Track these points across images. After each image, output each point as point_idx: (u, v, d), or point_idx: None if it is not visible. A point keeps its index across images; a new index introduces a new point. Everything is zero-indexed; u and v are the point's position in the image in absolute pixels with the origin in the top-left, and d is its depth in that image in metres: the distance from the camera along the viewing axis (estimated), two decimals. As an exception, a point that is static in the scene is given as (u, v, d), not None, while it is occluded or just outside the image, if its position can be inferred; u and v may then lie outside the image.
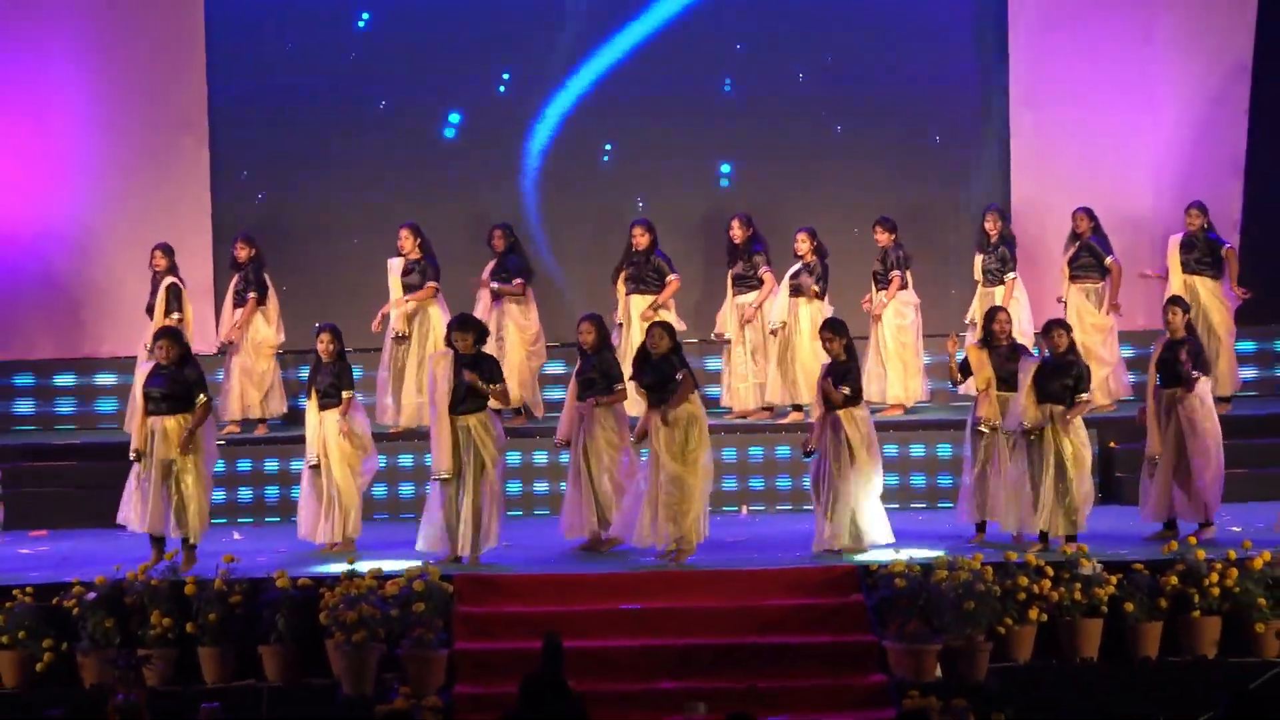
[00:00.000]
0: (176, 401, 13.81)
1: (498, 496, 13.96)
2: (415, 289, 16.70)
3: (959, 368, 14.50)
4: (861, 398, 14.03)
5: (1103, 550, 13.44)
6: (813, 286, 16.72)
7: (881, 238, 17.02)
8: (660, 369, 13.80)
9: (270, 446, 16.45)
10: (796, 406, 16.62)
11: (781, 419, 16.73)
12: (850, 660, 12.67)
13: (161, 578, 13.02)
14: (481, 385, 13.77)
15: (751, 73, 18.31)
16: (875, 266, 17.05)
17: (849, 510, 13.71)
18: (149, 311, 16.79)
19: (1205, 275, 16.75)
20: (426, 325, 16.64)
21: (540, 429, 16.27)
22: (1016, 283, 16.95)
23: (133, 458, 13.91)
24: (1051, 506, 13.69)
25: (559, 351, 17.16)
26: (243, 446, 16.45)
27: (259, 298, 16.97)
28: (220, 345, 17.00)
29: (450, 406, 13.86)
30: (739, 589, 13.31)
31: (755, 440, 16.46)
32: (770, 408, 16.90)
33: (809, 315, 16.57)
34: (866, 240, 17.31)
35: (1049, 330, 14.10)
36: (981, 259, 17.14)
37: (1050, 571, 12.85)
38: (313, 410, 14.46)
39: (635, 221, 16.92)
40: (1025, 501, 13.79)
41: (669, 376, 13.74)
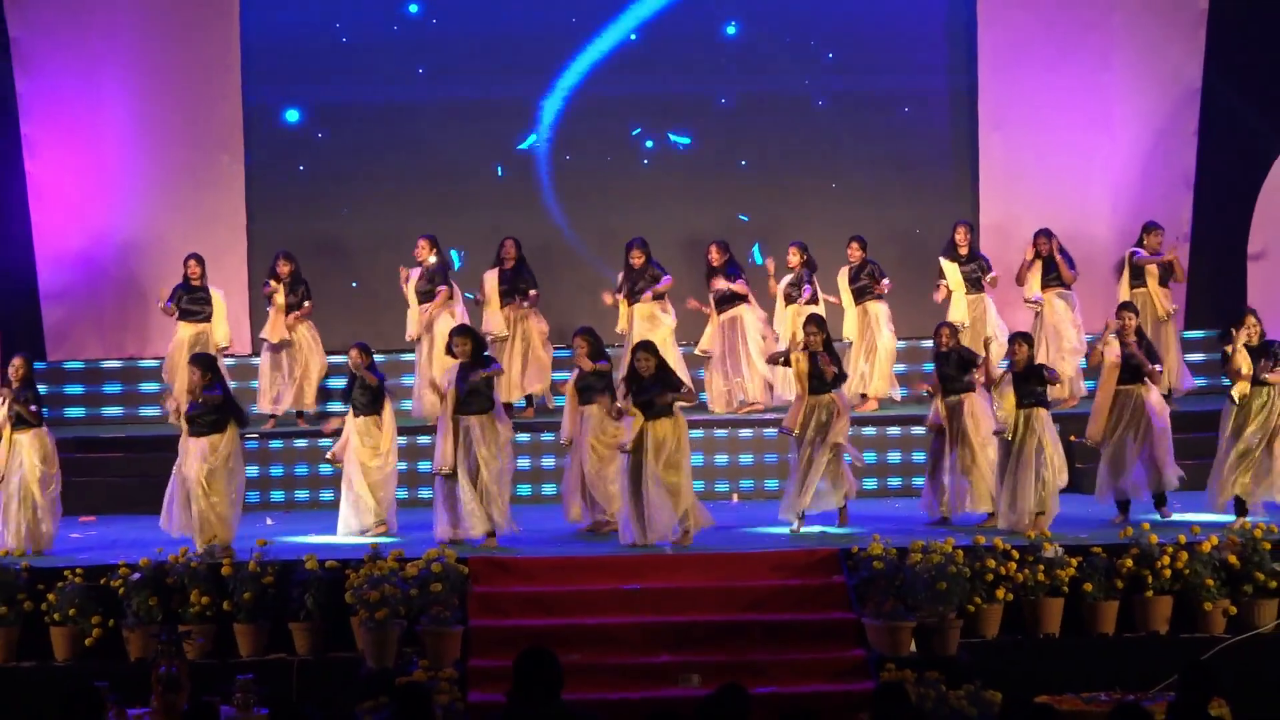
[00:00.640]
0: (211, 424, 13.85)
1: (503, 486, 13.98)
2: (431, 297, 16.74)
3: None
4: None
5: (1064, 535, 13.49)
6: (820, 295, 16.80)
7: (856, 254, 17.04)
8: (649, 387, 13.86)
9: (302, 438, 16.52)
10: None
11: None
12: (832, 636, 12.67)
13: (200, 561, 13.05)
14: (483, 374, 13.96)
15: (741, 83, 18.41)
16: (863, 281, 17.03)
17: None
18: (183, 316, 16.82)
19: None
20: (438, 329, 16.67)
21: (548, 423, 16.28)
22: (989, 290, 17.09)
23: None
24: (1035, 493, 13.86)
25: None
26: (279, 438, 16.53)
27: (310, 303, 16.98)
28: (272, 345, 16.98)
29: (455, 408, 13.97)
30: (730, 570, 13.32)
31: (745, 431, 16.47)
32: (756, 403, 16.94)
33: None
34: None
35: (1010, 343, 14.41)
36: (958, 268, 17.15)
37: (1016, 554, 12.85)
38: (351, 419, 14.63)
39: (631, 243, 16.93)
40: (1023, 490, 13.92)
41: (657, 393, 13.83)
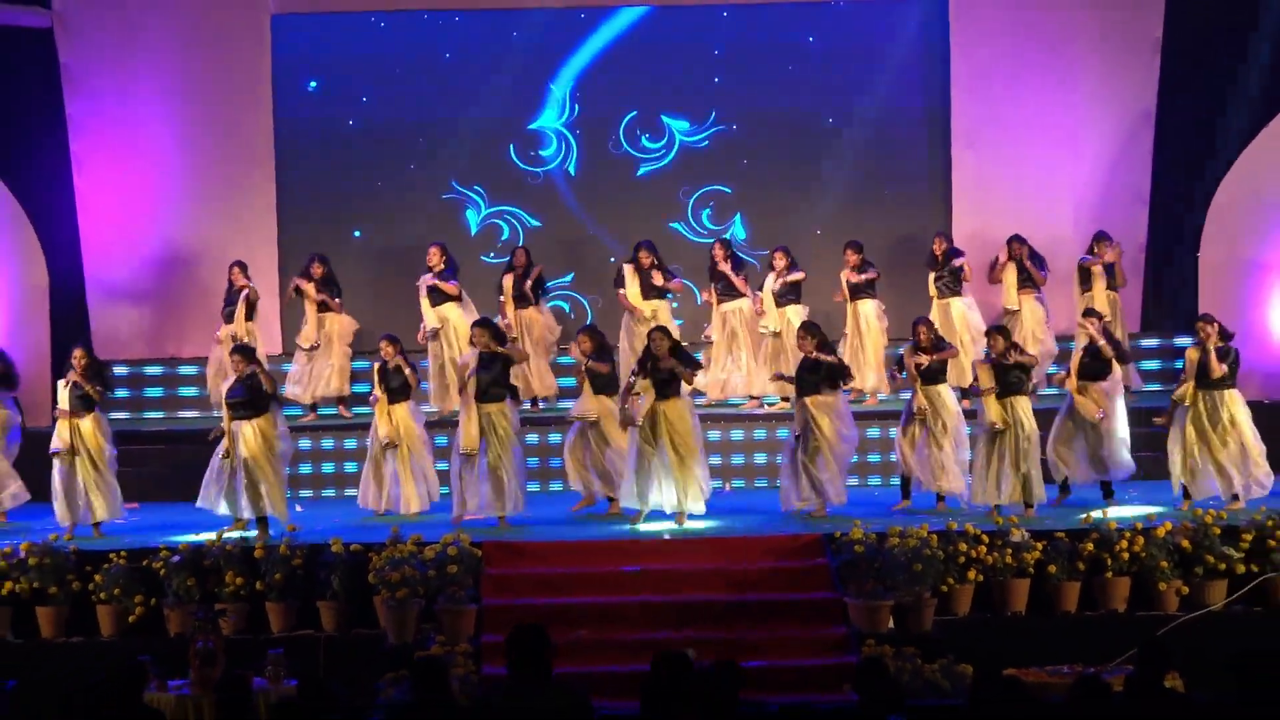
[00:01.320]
0: (252, 408, 13.88)
1: (517, 469, 14.09)
2: (443, 299, 16.77)
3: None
4: None
5: (1029, 520, 13.48)
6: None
7: (853, 257, 17.04)
8: (661, 367, 13.88)
9: (335, 430, 16.53)
10: (785, 397, 16.58)
11: (770, 407, 16.82)
12: (817, 614, 12.66)
13: (235, 544, 13.04)
14: (503, 349, 14.17)
15: (733, 103, 18.39)
16: (857, 279, 17.00)
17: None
18: (227, 319, 16.81)
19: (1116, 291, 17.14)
20: (449, 325, 16.73)
21: (555, 418, 16.27)
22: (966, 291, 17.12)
23: (215, 443, 14.04)
24: (1014, 479, 13.93)
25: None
26: (315, 430, 16.56)
27: (340, 301, 17.06)
28: (312, 344, 17.00)
29: (476, 396, 13.98)
30: (723, 554, 13.30)
31: (737, 425, 16.45)
32: (757, 397, 16.93)
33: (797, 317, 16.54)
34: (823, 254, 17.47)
35: (988, 335, 14.47)
36: (934, 276, 17.15)
37: (985, 539, 12.84)
38: (383, 404, 14.60)
39: (640, 244, 17.01)
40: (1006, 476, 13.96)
41: (670, 373, 13.86)
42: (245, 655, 11.68)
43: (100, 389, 14.39)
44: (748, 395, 16.94)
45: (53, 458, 14.27)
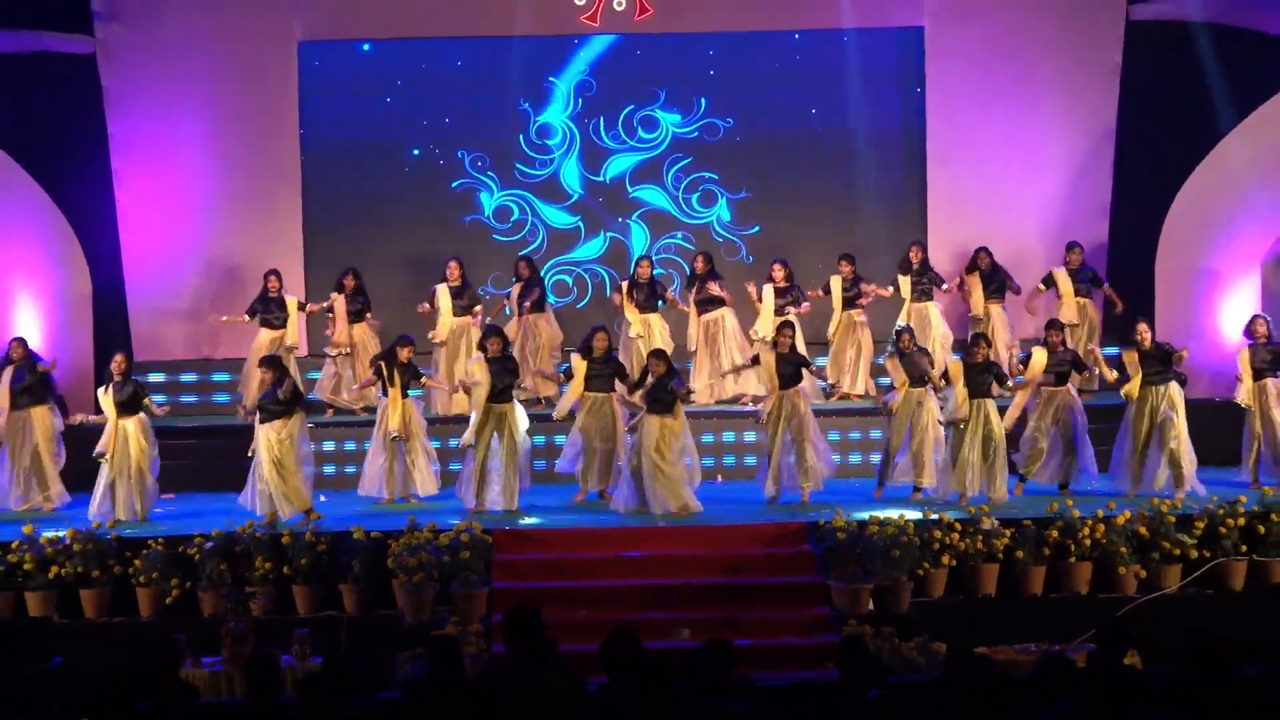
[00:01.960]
0: (279, 412, 13.90)
1: (526, 463, 14.23)
2: (466, 309, 16.76)
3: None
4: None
5: (999, 510, 13.47)
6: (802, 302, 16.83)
7: (847, 269, 17.05)
8: (657, 387, 13.99)
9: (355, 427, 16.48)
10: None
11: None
12: (802, 597, 12.66)
13: (264, 532, 13.03)
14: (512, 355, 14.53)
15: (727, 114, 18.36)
16: (851, 291, 17.02)
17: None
18: (264, 323, 16.83)
19: (1089, 297, 17.04)
20: (464, 335, 16.71)
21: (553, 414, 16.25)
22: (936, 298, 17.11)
23: (250, 454, 14.08)
24: (984, 474, 13.95)
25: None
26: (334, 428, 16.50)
27: (371, 314, 17.05)
28: (344, 350, 16.97)
29: (490, 396, 14.09)
30: (715, 541, 13.30)
31: (728, 425, 16.41)
32: (741, 396, 16.90)
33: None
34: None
35: (973, 342, 14.50)
36: (910, 280, 17.13)
37: (959, 527, 12.85)
38: (396, 398, 14.59)
39: (640, 257, 17.03)
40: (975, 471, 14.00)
41: (665, 392, 13.95)
42: (273, 634, 11.68)
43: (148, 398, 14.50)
44: (738, 395, 16.91)
45: (98, 460, 14.28)
